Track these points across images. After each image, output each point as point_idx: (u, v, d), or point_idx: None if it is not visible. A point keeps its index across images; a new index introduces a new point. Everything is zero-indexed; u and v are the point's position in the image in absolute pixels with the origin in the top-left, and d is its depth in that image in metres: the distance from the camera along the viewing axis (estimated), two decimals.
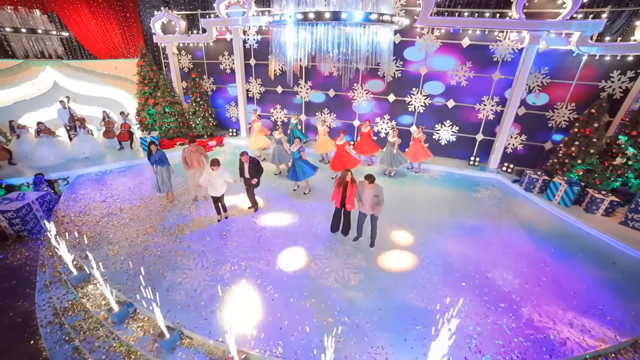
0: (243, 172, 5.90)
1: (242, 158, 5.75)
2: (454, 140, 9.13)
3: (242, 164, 5.81)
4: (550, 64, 7.63)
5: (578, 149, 7.11)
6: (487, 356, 3.62)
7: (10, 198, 6.50)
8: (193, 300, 4.29)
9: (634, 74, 7.12)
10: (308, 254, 5.26)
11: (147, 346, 3.85)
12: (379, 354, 3.60)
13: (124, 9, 10.32)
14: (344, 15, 4.32)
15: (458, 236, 5.89)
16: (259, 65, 10.12)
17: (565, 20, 6.96)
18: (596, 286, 4.76)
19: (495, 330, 3.95)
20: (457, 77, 8.35)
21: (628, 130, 6.80)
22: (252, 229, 5.94)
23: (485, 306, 4.30)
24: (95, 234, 5.73)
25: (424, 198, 7.35)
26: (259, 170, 5.84)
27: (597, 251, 5.64)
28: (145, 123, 10.32)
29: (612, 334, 3.94)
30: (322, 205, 6.77)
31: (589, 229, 6.24)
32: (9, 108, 9.58)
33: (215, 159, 5.53)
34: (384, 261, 5.14)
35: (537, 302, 4.40)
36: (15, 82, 9.46)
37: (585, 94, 7.62)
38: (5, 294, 5.05)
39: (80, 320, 4.36)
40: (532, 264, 5.20)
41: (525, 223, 6.47)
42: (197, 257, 5.14)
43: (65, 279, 4.95)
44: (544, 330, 3.99)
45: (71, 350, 4.07)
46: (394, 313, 4.14)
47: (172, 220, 6.20)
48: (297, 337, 3.76)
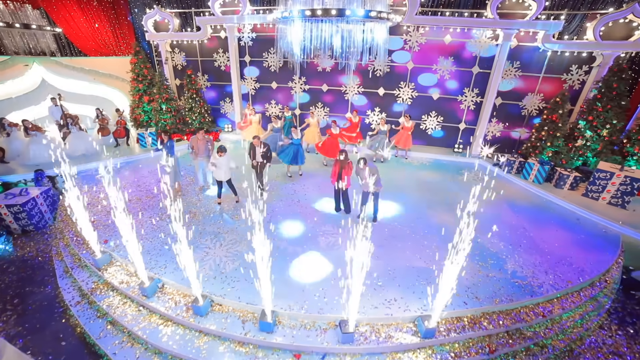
0: (255, 155, 6.25)
1: (254, 141, 6.13)
2: (440, 129, 9.94)
3: (253, 147, 6.18)
4: (521, 59, 8.58)
5: (547, 133, 8.08)
6: (483, 300, 4.27)
7: (13, 193, 6.47)
8: (218, 273, 4.65)
9: (588, 68, 8.20)
10: (317, 229, 5.73)
11: (180, 314, 4.17)
12: (392, 304, 4.15)
13: (114, 7, 10.30)
14: (348, 12, 4.86)
15: (448, 211, 6.59)
16: (254, 62, 10.46)
17: (532, 21, 7.91)
18: (565, 244, 5.61)
19: (487, 281, 4.63)
20: (440, 71, 9.15)
21: (585, 116, 7.83)
22: (263, 211, 6.32)
23: (478, 264, 4.99)
24: (110, 222, 5.89)
25: (415, 181, 8.04)
26: (269, 153, 6.23)
27: (565, 218, 6.55)
28: (140, 120, 10.34)
29: (576, 277, 4.76)
30: (321, 187, 7.32)
31: (559, 201, 7.18)
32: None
33: (221, 146, 5.92)
34: (386, 233, 5.72)
35: (519, 258, 5.15)
36: (1, 80, 9.22)
37: (551, 86, 8.64)
38: (24, 282, 5.14)
39: (109, 298, 4.58)
40: (513, 230, 5.98)
41: (506, 199, 7.30)
42: (215, 238, 5.47)
43: (87, 264, 5.12)
44: (526, 278, 4.72)
45: (105, 323, 4.31)
46: (401, 273, 4.71)
47: (183, 208, 6.43)
48: (319, 297, 4.24)
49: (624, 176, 6.55)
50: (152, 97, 10.03)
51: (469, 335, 3.98)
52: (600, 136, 7.66)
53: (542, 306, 4.41)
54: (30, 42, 8.79)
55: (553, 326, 4.30)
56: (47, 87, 10.03)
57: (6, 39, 8.31)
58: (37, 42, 8.83)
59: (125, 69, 10.45)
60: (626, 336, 4.46)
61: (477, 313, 4.20)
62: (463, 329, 4.00)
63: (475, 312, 4.20)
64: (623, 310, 4.92)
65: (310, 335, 3.87)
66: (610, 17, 7.49)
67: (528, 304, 4.38)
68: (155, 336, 4.00)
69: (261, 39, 10.02)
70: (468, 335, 3.98)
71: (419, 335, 3.89)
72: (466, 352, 3.88)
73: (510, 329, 4.13)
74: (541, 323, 4.28)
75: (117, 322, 4.29)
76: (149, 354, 3.94)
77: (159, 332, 4.06)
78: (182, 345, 3.88)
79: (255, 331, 3.90)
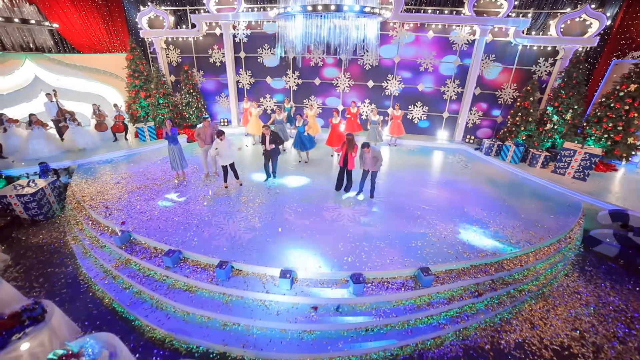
0: (264, 142, 6.66)
1: (263, 130, 6.55)
2: (425, 118, 10.72)
3: (263, 136, 6.59)
4: (496, 52, 9.48)
5: (521, 119, 8.99)
6: (471, 255, 4.95)
7: (21, 185, 6.59)
8: (235, 244, 5.08)
9: (553, 60, 9.21)
10: (321, 206, 6.27)
11: (204, 279, 4.57)
12: (394, 261, 4.74)
13: (107, 3, 10.39)
14: (345, 7, 5.43)
15: (438, 187, 7.32)
16: (249, 57, 10.86)
17: (504, 18, 8.81)
18: (538, 211, 6.43)
19: (476, 238, 5.34)
20: (425, 64, 9.92)
21: (552, 103, 8.80)
22: (268, 193, 6.79)
23: (466, 227, 5.69)
24: (123, 207, 6.16)
25: (406, 164, 8.74)
26: (277, 139, 6.64)
27: (538, 191, 7.43)
28: (137, 115, 10.48)
29: (546, 235, 5.57)
30: (322, 172, 7.87)
31: (532, 177, 8.08)
32: None
33: (220, 130, 6.33)
34: (383, 206, 6.33)
35: (500, 223, 5.90)
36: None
37: (523, 76, 9.59)
38: (44, 264, 5.36)
39: (133, 271, 4.91)
40: (494, 202, 6.76)
41: (487, 177, 8.13)
42: (227, 216, 5.88)
43: (106, 244, 5.40)
44: (506, 236, 5.46)
45: (132, 293, 4.65)
46: (400, 237, 5.33)
47: (192, 193, 6.80)
48: (329, 259, 4.77)
49: (584, 153, 7.50)
50: (149, 92, 10.21)
51: (460, 284, 4.63)
52: (565, 120, 8.64)
53: (519, 258, 5.15)
54: (27, 38, 8.76)
55: (528, 274, 5.04)
56: (39, 83, 9.99)
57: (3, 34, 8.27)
58: (34, 38, 8.80)
59: (119, 66, 10.56)
60: (584, 280, 5.31)
61: (466, 265, 4.87)
62: (455, 279, 4.65)
63: (464, 265, 4.86)
64: (583, 261, 5.79)
65: (325, 290, 4.40)
66: (568, 16, 8.49)
67: (508, 257, 5.11)
68: (182, 300, 4.40)
69: (256, 36, 10.44)
70: (459, 284, 4.63)
71: (418, 285, 4.50)
72: (458, 297, 4.53)
73: (494, 277, 4.82)
74: (519, 272, 5.01)
75: (144, 292, 4.64)
76: (178, 314, 4.33)
77: (186, 296, 4.45)
78: (209, 305, 4.30)
79: (275, 289, 4.38)
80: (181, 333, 4.08)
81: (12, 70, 9.46)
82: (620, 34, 8.71)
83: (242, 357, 3.90)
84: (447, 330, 4.25)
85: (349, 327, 4.13)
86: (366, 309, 4.30)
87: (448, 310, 4.43)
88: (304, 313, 4.20)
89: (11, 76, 9.48)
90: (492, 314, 4.50)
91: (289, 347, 3.92)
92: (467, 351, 4.07)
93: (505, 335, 4.29)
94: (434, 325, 4.27)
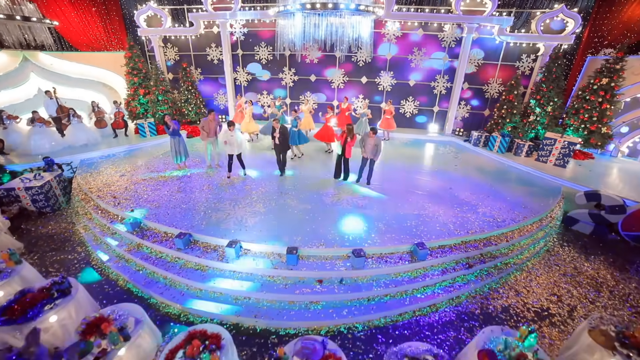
0: (274, 136, 6.84)
1: (274, 124, 6.83)
2: (416, 112, 11.21)
3: (273, 129, 6.85)
4: (482, 49, 10.03)
5: (506, 111, 9.56)
6: (461, 232, 5.39)
7: (28, 178, 6.73)
8: (241, 226, 5.38)
9: (534, 56, 9.82)
10: (321, 192, 6.63)
11: (214, 259, 4.87)
12: (392, 238, 5.14)
13: (105, 2, 10.53)
14: (342, 5, 5.81)
15: (430, 175, 7.79)
16: (246, 55, 11.14)
17: (488, 16, 9.36)
18: (522, 195, 6.95)
19: (465, 220, 5.78)
20: (415, 60, 10.41)
21: (535, 96, 9.40)
22: (271, 182, 7.11)
23: (456, 209, 6.14)
24: (130, 197, 6.39)
25: (399, 155, 9.19)
26: (285, 134, 6.86)
27: (522, 177, 7.98)
28: (136, 112, 10.63)
29: (529, 214, 6.08)
30: (319, 164, 8.26)
31: (517, 165, 8.64)
32: None
33: (231, 121, 6.63)
34: (379, 191, 6.74)
35: (488, 205, 6.38)
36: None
37: (507, 72, 10.18)
38: (57, 252, 5.54)
39: (145, 254, 5.16)
40: (483, 186, 7.25)
41: (476, 165, 8.64)
42: (233, 203, 6.18)
43: (116, 231, 5.62)
44: (493, 216, 5.93)
45: (146, 274, 4.91)
46: (395, 218, 5.73)
47: (196, 184, 7.06)
48: (332, 236, 5.13)
49: (564, 141, 8.09)
50: (148, 89, 10.39)
51: (452, 257, 5.06)
52: (547, 112, 9.24)
53: (505, 235, 5.62)
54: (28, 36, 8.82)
55: (514, 249, 5.51)
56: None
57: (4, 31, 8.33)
58: (34, 36, 8.88)
59: (117, 64, 10.69)
60: (563, 254, 5.82)
61: (457, 241, 5.30)
62: (447, 253, 5.08)
63: (456, 241, 5.29)
64: (562, 238, 6.32)
65: (329, 265, 4.76)
66: (547, 15, 9.10)
67: (495, 234, 5.57)
68: (195, 278, 4.68)
69: (253, 34, 10.74)
70: (451, 257, 5.05)
71: (414, 259, 4.91)
72: (451, 269, 4.96)
73: (483, 252, 5.27)
74: (505, 247, 5.47)
75: (157, 272, 4.90)
76: (192, 291, 4.62)
77: (198, 275, 4.74)
78: (220, 282, 4.60)
79: (283, 265, 4.71)
80: (195, 307, 4.37)
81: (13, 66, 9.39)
82: (593, 33, 9.38)
83: (254, 326, 4.21)
84: (441, 299, 4.66)
85: (352, 298, 4.49)
86: (367, 281, 4.68)
87: (442, 281, 4.84)
88: (309, 285, 4.55)
89: (7, 74, 9.43)
90: (481, 284, 4.93)
91: (297, 316, 4.26)
92: (459, 316, 4.48)
93: (493, 301, 4.73)
94: (429, 294, 4.67)
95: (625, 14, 8.64)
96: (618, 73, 8.16)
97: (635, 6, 8.42)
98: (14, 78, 9.31)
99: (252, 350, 3.91)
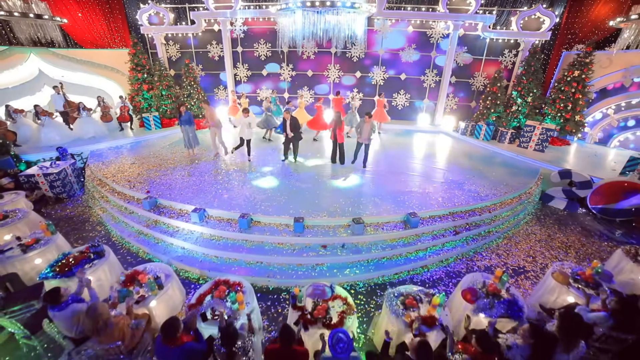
0: (285, 127, 7.38)
1: (284, 115, 7.35)
2: (407, 105, 11.89)
3: (284, 120, 7.35)
4: (468, 45, 10.77)
5: (491, 102, 10.30)
6: (449, 205, 6.03)
7: (45, 166, 7.11)
8: (251, 202, 5.91)
9: (516, 52, 10.60)
10: (321, 174, 7.21)
11: (228, 229, 5.38)
12: (387, 210, 5.74)
13: (108, 0, 10.92)
14: (338, 3, 6.42)
15: (421, 160, 8.44)
16: (246, 52, 11.66)
17: (472, 14, 10.09)
18: (504, 175, 7.64)
19: (452, 195, 6.43)
20: (406, 55, 11.08)
21: (516, 88, 10.16)
22: (274, 166, 7.65)
23: (445, 186, 6.79)
24: (143, 181, 6.84)
25: (393, 145, 9.83)
26: (297, 125, 7.36)
27: (505, 161, 8.69)
28: (140, 107, 11.03)
29: (509, 191, 6.76)
30: (316, 151, 8.85)
31: (501, 151, 9.37)
32: None
33: (246, 108, 7.20)
34: (374, 173, 7.35)
35: (473, 183, 7.04)
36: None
37: (491, 66, 10.93)
38: (77, 231, 5.98)
39: (163, 229, 5.64)
40: (469, 168, 7.93)
41: (463, 152, 9.33)
42: (242, 183, 6.70)
43: (134, 210, 6.08)
44: (477, 192, 6.60)
45: (165, 245, 5.40)
46: (390, 193, 6.34)
47: (204, 168, 7.55)
48: (333, 209, 5.70)
49: (542, 128, 8.84)
50: (152, 85, 10.81)
51: (441, 225, 5.68)
52: (527, 102, 10.01)
53: (488, 207, 6.28)
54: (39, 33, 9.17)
55: (496, 219, 6.17)
56: (43, 77, 10.36)
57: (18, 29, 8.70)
58: (44, 33, 9.23)
59: (121, 61, 11.08)
60: (539, 225, 6.54)
61: (445, 212, 5.93)
62: (436, 221, 5.70)
63: (444, 212, 5.92)
64: (539, 213, 7.04)
65: (331, 232, 5.32)
66: (525, 14, 9.89)
67: (479, 206, 6.22)
68: (211, 246, 5.19)
69: (252, 31, 11.26)
70: (440, 225, 5.67)
71: (408, 226, 5.51)
72: (440, 235, 5.58)
73: (468, 221, 5.91)
74: (488, 218, 6.13)
75: (175, 243, 5.39)
76: (208, 258, 5.13)
77: (214, 244, 5.25)
78: (234, 248, 5.12)
79: (290, 233, 5.26)
80: (213, 270, 4.88)
81: (16, 65, 9.81)
82: (567, 30, 10.21)
83: (266, 285, 4.75)
84: (432, 260, 5.27)
85: (353, 260, 5.07)
86: (366, 246, 5.26)
87: (432, 246, 5.45)
88: (315, 250, 5.11)
89: (15, 70, 9.81)
90: (467, 248, 5.56)
91: (305, 276, 4.80)
92: (447, 274, 5.10)
93: (477, 262, 5.37)
94: (421, 256, 5.28)
95: (592, 13, 9.51)
96: (587, 66, 8.97)
97: (600, 7, 9.29)
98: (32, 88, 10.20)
99: (267, 304, 4.44)
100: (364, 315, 4.27)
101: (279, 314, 4.28)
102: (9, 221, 4.94)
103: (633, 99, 9.12)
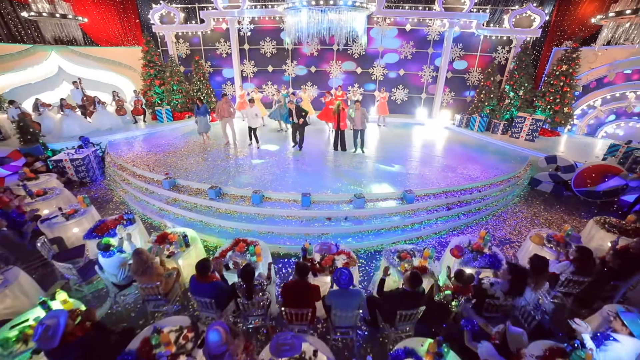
0: (292, 116, 7.96)
1: (289, 105, 7.95)
2: (406, 99, 12.47)
3: (290, 110, 7.96)
4: (463, 42, 11.35)
5: (485, 96, 10.87)
6: (442, 185, 6.60)
7: (70, 152, 7.71)
8: (262, 182, 6.49)
9: (508, 48, 11.18)
10: (324, 159, 7.81)
11: (241, 205, 5.96)
12: (385, 187, 6.31)
13: (123, 1, 11.57)
14: (341, 2, 7.03)
15: (418, 149, 9.01)
16: (252, 49, 12.27)
17: (467, 13, 10.68)
18: (496, 161, 8.21)
19: (445, 177, 7.00)
20: (404, 52, 11.68)
21: (509, 82, 10.73)
22: (281, 152, 8.24)
23: (443, 171, 7.36)
24: (161, 165, 7.43)
25: (392, 135, 10.41)
26: (302, 112, 7.93)
27: (499, 150, 9.26)
28: (152, 101, 11.64)
29: (499, 174, 7.32)
30: (319, 141, 9.45)
31: (495, 141, 9.94)
32: (16, 91, 10.15)
33: (251, 98, 7.78)
34: (373, 158, 7.94)
35: (466, 167, 7.61)
36: (22, 66, 10.10)
37: (485, 61, 11.51)
38: (101, 209, 6.56)
39: (182, 205, 6.21)
40: (465, 157, 8.48)
41: (460, 142, 9.90)
42: (252, 166, 7.30)
43: (154, 190, 6.67)
44: (469, 175, 7.17)
45: (185, 219, 5.97)
46: (388, 174, 6.93)
47: (217, 155, 8.13)
48: (337, 187, 6.27)
49: (532, 119, 9.40)
50: (163, 80, 11.42)
51: (435, 202, 6.24)
52: (519, 95, 10.57)
53: (479, 187, 6.84)
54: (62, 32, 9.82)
55: (486, 198, 6.73)
56: (62, 74, 10.96)
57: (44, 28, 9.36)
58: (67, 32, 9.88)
59: (134, 58, 11.70)
60: (527, 206, 7.09)
61: (439, 190, 6.49)
62: (430, 198, 6.26)
63: (438, 190, 6.49)
64: (528, 195, 7.59)
65: (335, 206, 5.89)
66: (517, 12, 10.47)
67: (470, 186, 6.78)
68: (227, 219, 5.76)
69: (258, 30, 11.88)
70: (434, 202, 6.24)
71: (404, 202, 6.07)
72: (434, 210, 6.14)
73: (460, 198, 6.46)
74: (479, 196, 6.68)
75: (193, 218, 5.97)
76: (224, 229, 5.70)
77: (229, 217, 5.82)
78: (248, 220, 5.69)
79: (298, 207, 5.83)
80: (229, 238, 5.43)
81: (39, 62, 10.41)
82: (556, 27, 10.79)
83: (278, 251, 5.32)
84: (426, 232, 5.83)
85: (355, 230, 5.63)
86: (367, 218, 5.82)
87: (426, 219, 6.01)
88: (321, 221, 5.68)
89: (39, 67, 10.44)
90: (458, 222, 6.13)
91: (312, 243, 5.27)
92: (440, 243, 5.66)
93: (468, 234, 5.92)
94: (416, 228, 5.84)
95: (579, 12, 10.09)
96: (575, 61, 9.55)
97: (586, 5, 9.87)
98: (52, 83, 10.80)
99: (278, 266, 5.01)
100: (364, 275, 4.83)
101: (290, 274, 4.85)
102: (48, 196, 5.56)
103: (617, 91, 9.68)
